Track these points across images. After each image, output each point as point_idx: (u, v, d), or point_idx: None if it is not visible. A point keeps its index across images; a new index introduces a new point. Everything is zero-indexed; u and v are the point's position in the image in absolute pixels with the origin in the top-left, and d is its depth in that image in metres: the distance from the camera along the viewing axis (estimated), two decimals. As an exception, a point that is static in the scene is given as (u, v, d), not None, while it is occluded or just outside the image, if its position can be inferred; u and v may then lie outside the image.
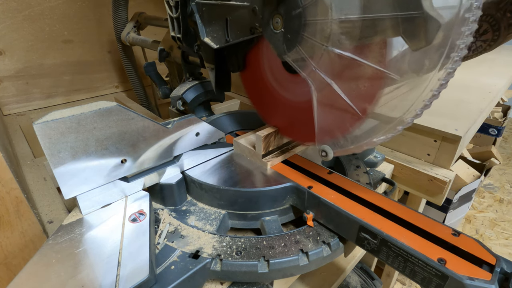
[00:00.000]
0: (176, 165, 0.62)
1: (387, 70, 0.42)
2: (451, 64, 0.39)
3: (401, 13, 0.38)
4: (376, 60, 0.43)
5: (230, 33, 0.60)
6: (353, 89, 0.47)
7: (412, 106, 0.43)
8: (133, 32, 1.18)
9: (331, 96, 0.50)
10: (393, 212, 0.50)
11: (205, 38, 0.65)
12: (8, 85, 1.19)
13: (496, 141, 2.09)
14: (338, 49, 0.45)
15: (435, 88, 0.41)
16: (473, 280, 0.37)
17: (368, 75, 0.44)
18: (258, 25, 0.54)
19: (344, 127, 0.51)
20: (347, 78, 0.47)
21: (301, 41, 0.48)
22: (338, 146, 0.53)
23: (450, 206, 1.31)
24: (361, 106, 0.47)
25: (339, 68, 0.47)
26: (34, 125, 0.43)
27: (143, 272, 0.41)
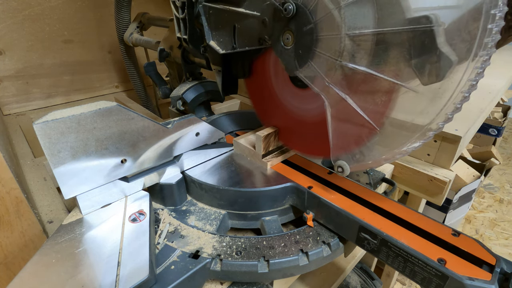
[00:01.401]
0: (176, 165, 0.62)
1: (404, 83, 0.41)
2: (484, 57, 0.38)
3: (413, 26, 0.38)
4: (392, 74, 0.42)
5: (237, 40, 0.59)
6: (369, 103, 0.46)
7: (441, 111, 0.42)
8: (136, 32, 1.18)
9: (345, 111, 0.49)
10: (393, 212, 0.50)
11: (210, 41, 0.63)
12: (8, 85, 1.19)
13: (496, 141, 2.09)
14: (352, 64, 0.44)
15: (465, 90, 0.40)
16: (473, 280, 0.37)
17: (385, 88, 0.43)
18: (267, 37, 0.53)
19: (360, 141, 0.50)
20: (362, 92, 0.46)
21: (313, 56, 0.48)
22: (354, 161, 0.51)
23: (450, 206, 1.31)
24: (378, 120, 0.46)
25: (354, 82, 0.46)
26: (34, 125, 0.43)
27: (143, 272, 0.41)
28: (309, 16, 0.45)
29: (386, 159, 0.48)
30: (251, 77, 0.71)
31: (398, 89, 0.42)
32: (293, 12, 0.46)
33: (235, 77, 0.75)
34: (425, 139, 0.44)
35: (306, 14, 0.46)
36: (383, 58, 0.42)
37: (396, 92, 0.43)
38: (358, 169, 0.53)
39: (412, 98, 0.42)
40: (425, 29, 0.37)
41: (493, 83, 1.23)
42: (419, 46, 0.38)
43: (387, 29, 0.40)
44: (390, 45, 0.40)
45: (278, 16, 0.49)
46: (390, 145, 0.47)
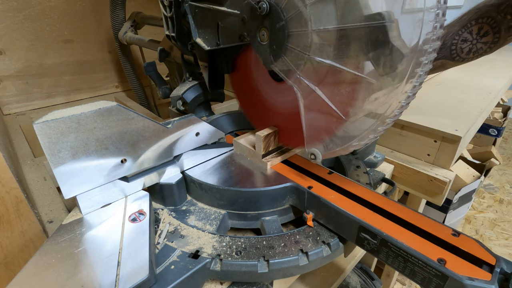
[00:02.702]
0: (176, 165, 0.62)
1: (364, 75, 0.45)
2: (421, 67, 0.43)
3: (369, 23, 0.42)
4: (354, 66, 0.46)
5: (220, 37, 0.63)
6: (335, 94, 0.50)
7: (389, 107, 0.47)
8: (130, 31, 1.19)
9: (316, 102, 0.53)
10: (393, 212, 0.50)
11: (197, 39, 0.66)
12: (8, 84, 1.19)
13: (496, 142, 2.09)
14: (319, 57, 0.48)
15: (409, 90, 0.45)
16: (473, 280, 0.37)
17: (349, 80, 0.47)
18: (246, 34, 0.57)
19: (330, 130, 0.53)
20: (329, 84, 0.50)
21: (286, 51, 0.51)
22: (327, 149, 0.56)
23: (450, 207, 1.31)
24: (344, 109, 0.50)
25: (322, 74, 0.50)
26: (34, 125, 0.43)
27: (143, 272, 0.41)
28: (280, 14, 0.49)
29: (355, 145, 0.53)
30: (234, 72, 0.74)
31: (361, 80, 0.46)
32: (267, 10, 0.50)
33: (222, 73, 0.78)
34: (385, 125, 0.49)
35: (278, 12, 0.49)
36: (346, 52, 0.46)
37: (359, 83, 0.46)
38: (330, 156, 0.57)
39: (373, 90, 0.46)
40: (379, 25, 0.41)
41: (493, 83, 1.24)
42: (374, 40, 0.42)
43: (347, 25, 0.44)
44: (351, 39, 0.44)
45: (254, 14, 0.53)
46: (357, 131, 0.51)
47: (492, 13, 0.63)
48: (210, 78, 0.77)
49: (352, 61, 0.45)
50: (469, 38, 0.67)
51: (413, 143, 0.88)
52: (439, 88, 1.18)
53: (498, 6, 0.62)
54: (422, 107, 0.97)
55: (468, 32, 0.67)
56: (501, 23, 0.63)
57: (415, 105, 0.99)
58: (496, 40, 0.65)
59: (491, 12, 0.63)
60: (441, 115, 0.90)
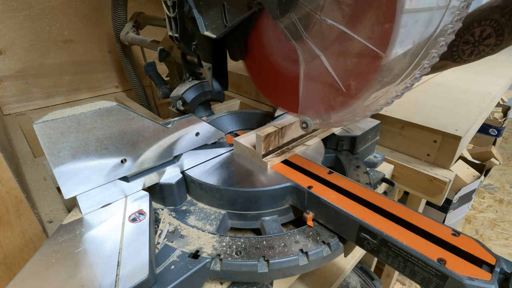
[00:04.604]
0: (176, 165, 0.62)
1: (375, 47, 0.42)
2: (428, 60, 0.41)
3: None
4: (366, 36, 0.42)
5: (228, 17, 0.59)
6: (340, 64, 0.47)
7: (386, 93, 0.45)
8: (132, 31, 1.19)
9: (318, 69, 0.49)
10: (393, 212, 0.50)
11: (205, 32, 0.64)
12: (8, 84, 1.19)
13: (496, 142, 2.09)
14: (331, 20, 0.44)
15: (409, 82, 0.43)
16: (473, 280, 0.37)
17: (357, 50, 0.44)
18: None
19: (327, 103, 0.51)
20: (336, 52, 0.46)
21: (295, 7, 0.47)
22: (321, 119, 0.53)
23: (450, 206, 1.31)
24: (346, 83, 0.47)
25: (329, 40, 0.46)
26: (34, 125, 0.43)
27: (143, 271, 0.41)
28: None
29: (346, 119, 0.51)
30: (248, 55, 0.71)
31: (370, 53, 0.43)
32: None
33: (226, 73, 0.76)
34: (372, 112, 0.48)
35: None
36: (361, 19, 0.42)
37: (367, 56, 0.44)
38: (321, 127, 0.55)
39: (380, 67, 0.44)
40: None
41: (493, 83, 1.24)
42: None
43: None
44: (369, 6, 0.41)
45: None
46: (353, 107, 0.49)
47: (496, 16, 0.63)
48: (214, 79, 0.75)
49: (366, 30, 0.42)
50: (471, 40, 0.67)
51: (413, 143, 0.88)
52: (439, 88, 1.18)
53: (503, 9, 0.62)
54: (422, 107, 0.97)
55: (470, 34, 0.67)
56: (504, 26, 0.62)
57: (415, 105, 0.99)
58: (499, 43, 0.65)
59: (495, 14, 0.63)
60: (441, 115, 0.90)
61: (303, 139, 0.75)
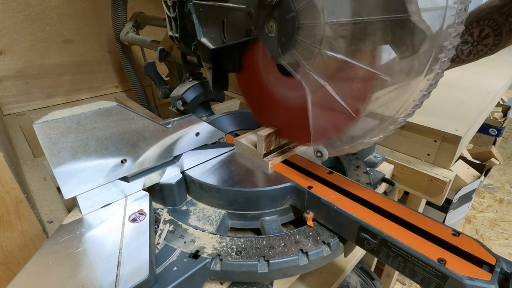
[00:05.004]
0: (176, 165, 0.62)
1: (378, 71, 0.43)
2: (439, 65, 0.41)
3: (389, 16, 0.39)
4: (367, 62, 0.44)
5: (226, 34, 0.61)
6: (346, 90, 0.48)
7: (403, 106, 0.45)
8: (132, 31, 1.19)
9: (325, 98, 0.51)
10: (393, 212, 0.50)
11: (202, 38, 0.65)
12: (8, 85, 1.19)
13: (496, 141, 2.09)
14: (331, 52, 0.46)
15: (425, 88, 0.43)
16: (473, 280, 0.37)
17: (360, 76, 0.45)
18: (253, 28, 0.55)
19: (338, 128, 0.52)
20: (340, 80, 0.48)
21: (295, 44, 0.49)
22: (334, 147, 0.54)
23: (450, 206, 1.31)
24: (354, 107, 0.48)
25: (332, 70, 0.48)
26: (34, 125, 0.43)
27: (143, 272, 0.41)
28: (291, 5, 0.47)
29: (362, 143, 0.51)
30: (241, 71, 0.72)
31: (373, 77, 0.44)
32: (277, 0, 0.48)
33: (226, 74, 0.77)
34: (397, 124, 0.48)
35: (289, 3, 0.47)
36: (359, 46, 0.43)
37: (371, 81, 0.44)
38: (337, 154, 0.55)
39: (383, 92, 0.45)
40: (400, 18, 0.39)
41: (493, 83, 1.24)
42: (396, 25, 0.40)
43: (363, 18, 0.41)
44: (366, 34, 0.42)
45: (262, 5, 0.51)
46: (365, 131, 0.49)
47: (494, 15, 0.63)
48: (214, 79, 0.75)
49: (366, 56, 0.43)
50: (470, 40, 0.67)
51: (413, 143, 0.88)
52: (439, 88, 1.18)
53: (501, 8, 0.62)
54: (422, 107, 0.96)
55: (469, 34, 0.67)
56: (502, 25, 0.63)
57: (415, 105, 0.98)
58: (497, 43, 0.65)
59: (493, 14, 0.63)
60: (441, 115, 0.90)
61: (303, 139, 0.75)
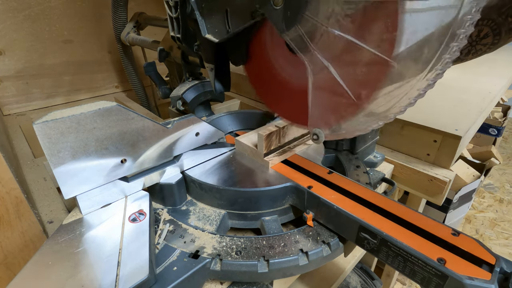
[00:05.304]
0: (176, 165, 0.62)
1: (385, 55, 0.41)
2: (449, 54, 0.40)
3: None
4: (375, 45, 0.42)
5: (231, 22, 0.59)
6: (350, 74, 0.46)
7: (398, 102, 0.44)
8: (132, 32, 1.18)
9: (327, 80, 0.48)
10: (393, 212, 0.50)
11: (206, 35, 0.63)
12: (8, 85, 1.19)
13: (496, 141, 2.09)
14: (338, 31, 0.43)
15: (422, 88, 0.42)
16: (473, 280, 0.37)
17: (366, 60, 0.43)
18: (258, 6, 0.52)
19: (338, 113, 0.50)
20: (344, 62, 0.46)
21: (301, 19, 0.46)
22: (331, 130, 0.52)
23: (450, 206, 1.31)
24: (356, 92, 0.46)
25: (338, 51, 0.45)
26: (34, 125, 0.43)
27: (143, 272, 0.41)
28: None
29: (359, 130, 0.49)
30: (249, 61, 0.70)
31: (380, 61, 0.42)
32: None
33: (228, 74, 0.75)
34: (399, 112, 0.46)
35: None
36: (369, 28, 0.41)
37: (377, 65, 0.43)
38: (332, 138, 0.54)
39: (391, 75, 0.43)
40: None
41: (493, 83, 1.23)
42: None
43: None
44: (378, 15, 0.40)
45: None
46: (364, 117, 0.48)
47: (493, 15, 0.63)
48: (216, 80, 0.74)
49: (374, 39, 0.41)
50: (469, 39, 0.67)
51: (413, 142, 0.88)
52: (439, 88, 1.18)
53: (500, 8, 0.62)
54: (422, 107, 0.96)
55: None
56: (501, 25, 0.62)
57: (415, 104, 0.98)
58: (496, 42, 0.65)
59: (492, 14, 0.63)
60: (441, 115, 0.90)
61: (304, 139, 0.75)
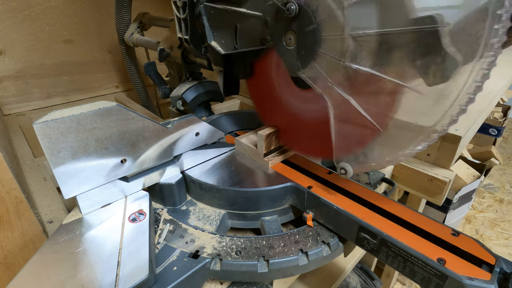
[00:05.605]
0: (176, 165, 0.62)
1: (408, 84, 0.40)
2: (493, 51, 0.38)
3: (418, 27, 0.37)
4: (396, 75, 0.41)
5: (239, 40, 0.58)
6: (372, 104, 0.45)
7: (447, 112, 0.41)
8: (136, 33, 1.17)
9: (348, 112, 0.48)
10: (393, 212, 0.50)
11: (212, 42, 0.63)
12: (8, 85, 1.19)
13: (496, 141, 2.09)
14: (356, 64, 0.43)
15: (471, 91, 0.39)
16: (473, 280, 0.37)
17: (388, 89, 0.43)
18: (269, 37, 0.52)
19: (363, 143, 0.49)
20: (365, 93, 0.45)
21: (316, 57, 0.47)
22: (357, 163, 0.50)
23: (450, 206, 1.31)
24: (381, 121, 0.45)
25: (357, 83, 0.45)
26: (34, 125, 0.43)
27: (142, 271, 0.41)
28: (311, 17, 0.45)
29: (390, 161, 0.47)
30: (252, 77, 0.70)
31: (402, 90, 0.42)
32: (296, 12, 0.46)
33: (237, 78, 0.74)
34: (430, 141, 0.43)
35: (309, 15, 0.45)
36: (387, 59, 0.41)
37: (400, 93, 0.42)
38: (361, 171, 0.52)
39: (416, 99, 0.42)
40: (430, 29, 0.36)
41: (493, 83, 1.23)
42: (423, 47, 0.38)
43: (391, 29, 0.39)
44: (394, 45, 0.40)
45: (280, 16, 0.49)
46: (393, 146, 0.46)
47: None
48: (225, 84, 0.72)
49: (394, 69, 0.41)
50: None
51: (413, 143, 0.88)
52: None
53: None
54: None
55: None
56: None
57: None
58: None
59: None
60: (441, 115, 0.90)
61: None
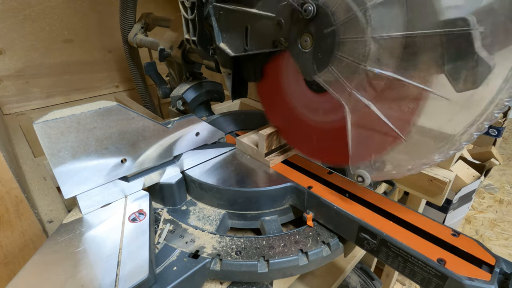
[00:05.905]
0: (176, 164, 0.62)
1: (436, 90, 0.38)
2: None
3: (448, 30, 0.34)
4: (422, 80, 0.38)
5: (249, 42, 0.56)
6: (394, 111, 0.43)
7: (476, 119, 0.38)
8: (140, 33, 1.16)
9: (368, 118, 0.45)
10: (393, 212, 0.50)
11: (220, 44, 0.61)
12: (8, 84, 1.19)
13: (496, 142, 2.09)
14: (378, 69, 0.41)
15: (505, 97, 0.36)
16: (473, 281, 0.37)
17: (413, 95, 0.40)
18: (283, 39, 0.50)
19: (382, 150, 0.47)
20: (388, 99, 0.43)
21: (334, 60, 0.44)
22: (374, 169, 0.48)
23: (450, 207, 1.31)
24: (403, 128, 0.43)
25: (379, 88, 0.43)
26: (34, 125, 0.43)
27: (142, 271, 0.41)
28: (330, 18, 0.42)
29: (411, 169, 0.45)
30: (262, 81, 0.68)
31: (427, 96, 0.39)
32: (313, 14, 0.43)
33: (246, 80, 0.72)
34: (455, 149, 0.40)
35: (328, 16, 0.42)
36: (412, 63, 0.39)
37: (424, 99, 0.40)
38: (379, 179, 0.49)
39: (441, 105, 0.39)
40: (462, 32, 0.34)
41: (493, 84, 1.23)
42: (454, 51, 0.35)
43: (419, 32, 0.37)
44: (421, 49, 0.38)
45: (296, 18, 0.46)
46: (416, 154, 0.43)
47: None
48: (234, 86, 0.70)
49: (420, 74, 0.38)
50: None
51: (413, 143, 0.88)
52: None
53: None
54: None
55: None
56: None
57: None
58: None
59: None
60: (441, 115, 0.90)
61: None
